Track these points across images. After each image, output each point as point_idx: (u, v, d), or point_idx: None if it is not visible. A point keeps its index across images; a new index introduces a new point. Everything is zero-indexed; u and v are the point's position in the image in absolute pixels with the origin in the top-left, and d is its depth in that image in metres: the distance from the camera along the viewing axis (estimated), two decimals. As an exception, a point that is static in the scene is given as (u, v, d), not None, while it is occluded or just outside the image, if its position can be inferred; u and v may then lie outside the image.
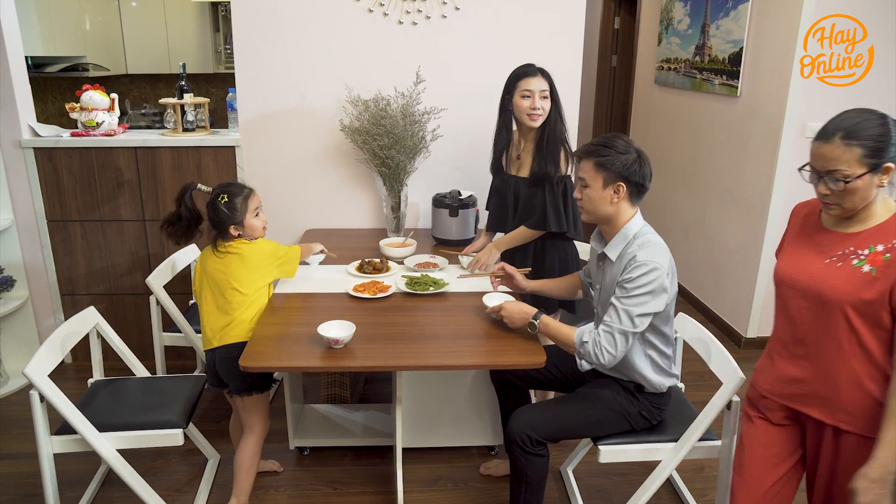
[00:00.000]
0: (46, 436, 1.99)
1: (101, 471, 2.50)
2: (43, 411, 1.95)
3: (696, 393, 2.76)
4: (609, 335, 1.84)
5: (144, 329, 3.33)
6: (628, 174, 1.87)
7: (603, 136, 1.93)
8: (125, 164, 3.12)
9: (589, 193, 1.93)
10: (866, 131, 1.43)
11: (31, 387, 1.91)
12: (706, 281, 4.15)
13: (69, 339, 2.13)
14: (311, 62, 3.12)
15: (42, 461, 2.00)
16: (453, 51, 3.14)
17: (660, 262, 1.84)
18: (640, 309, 1.82)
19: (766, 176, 3.44)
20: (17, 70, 3.00)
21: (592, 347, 1.86)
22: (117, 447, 2.06)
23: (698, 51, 4.13)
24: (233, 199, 2.14)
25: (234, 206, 2.14)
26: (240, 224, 2.15)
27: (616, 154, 1.86)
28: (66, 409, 1.97)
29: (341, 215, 3.36)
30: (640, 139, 5.23)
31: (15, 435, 2.80)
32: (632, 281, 1.84)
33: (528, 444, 1.94)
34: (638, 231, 1.94)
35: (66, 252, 3.23)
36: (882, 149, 1.42)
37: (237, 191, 2.16)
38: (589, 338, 1.87)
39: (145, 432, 2.07)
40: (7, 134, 3.03)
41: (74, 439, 2.02)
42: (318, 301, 2.32)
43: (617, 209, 1.92)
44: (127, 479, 2.08)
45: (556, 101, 2.45)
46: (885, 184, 1.47)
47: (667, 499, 2.46)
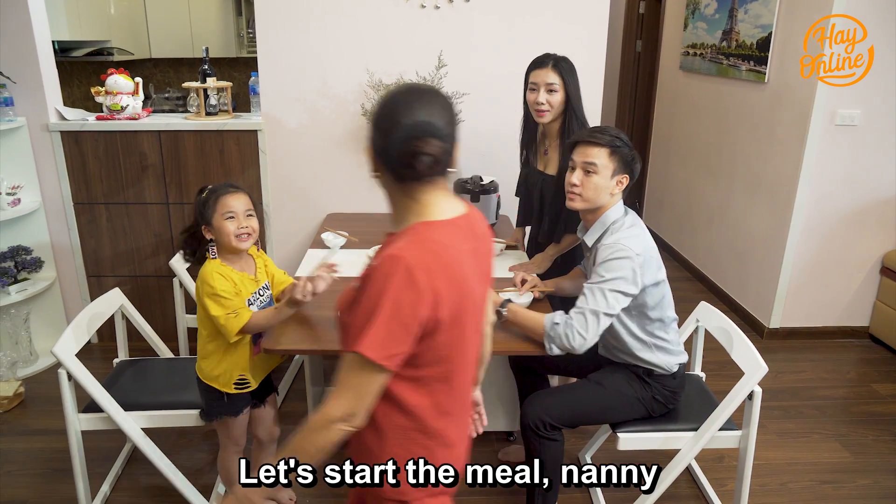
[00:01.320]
0: (74, 413, 2.04)
1: (126, 448, 2.56)
2: (71, 389, 2.00)
3: (717, 382, 2.74)
4: (581, 316, 1.82)
5: (168, 310, 3.37)
6: (633, 169, 1.93)
7: (605, 127, 1.94)
8: (149, 147, 3.15)
9: (596, 181, 1.90)
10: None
11: (60, 365, 1.95)
12: (729, 270, 4.10)
13: (95, 320, 2.17)
14: (333, 46, 3.11)
15: (70, 438, 2.05)
16: (475, 35, 3.11)
17: (628, 245, 1.84)
18: (609, 286, 1.82)
19: (794, 164, 3.38)
20: (45, 54, 3.04)
21: (563, 329, 1.82)
22: (142, 426, 2.10)
23: (725, 36, 4.05)
24: (209, 195, 1.88)
25: (205, 202, 1.87)
26: (209, 225, 1.88)
27: (627, 147, 1.91)
28: (93, 388, 2.01)
29: (363, 200, 3.36)
30: (665, 126, 5.16)
31: (45, 411, 2.87)
32: (601, 265, 1.85)
33: (543, 429, 1.95)
34: (616, 219, 1.95)
35: (91, 234, 3.28)
36: None
37: (217, 188, 1.90)
38: (561, 320, 1.85)
39: (169, 412, 2.11)
40: (35, 118, 3.07)
41: (101, 417, 2.06)
42: (339, 285, 2.32)
43: (612, 200, 1.95)
44: (151, 456, 2.12)
45: (571, 96, 2.26)
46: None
47: (685, 487, 2.45)
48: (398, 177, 1.20)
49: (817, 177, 3.34)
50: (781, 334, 3.65)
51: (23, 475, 2.47)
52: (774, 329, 3.65)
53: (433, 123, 1.15)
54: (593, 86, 3.20)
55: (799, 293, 3.58)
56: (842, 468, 2.58)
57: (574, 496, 2.38)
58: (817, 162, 3.31)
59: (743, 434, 2.01)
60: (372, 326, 1.12)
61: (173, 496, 2.26)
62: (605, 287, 1.82)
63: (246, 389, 2.00)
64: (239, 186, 1.93)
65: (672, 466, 2.04)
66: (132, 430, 2.07)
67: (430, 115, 1.15)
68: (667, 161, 5.11)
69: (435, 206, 1.22)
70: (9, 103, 2.98)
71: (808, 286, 3.57)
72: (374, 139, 1.20)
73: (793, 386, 3.19)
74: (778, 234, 3.53)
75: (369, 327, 1.12)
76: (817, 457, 2.65)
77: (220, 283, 1.85)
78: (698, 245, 4.55)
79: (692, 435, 2.02)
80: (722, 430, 1.99)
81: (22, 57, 2.96)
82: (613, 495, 2.37)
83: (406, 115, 1.14)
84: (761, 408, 1.98)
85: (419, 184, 1.20)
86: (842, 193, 3.40)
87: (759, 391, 1.94)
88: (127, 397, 2.09)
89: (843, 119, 3.23)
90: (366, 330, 1.12)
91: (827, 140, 3.28)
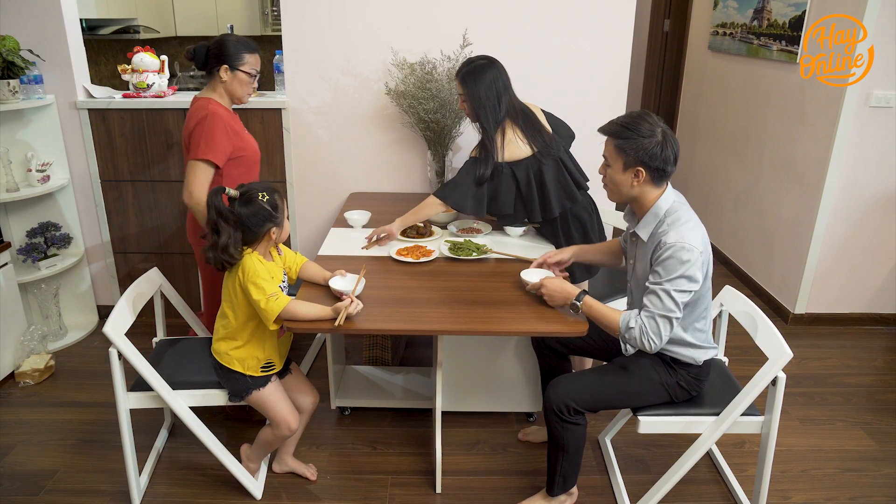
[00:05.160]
0: (124, 392, 2.07)
1: (165, 424, 2.60)
2: (120, 368, 2.02)
3: (740, 367, 2.72)
4: (652, 321, 1.82)
5: (192, 287, 3.42)
6: (647, 159, 1.82)
7: (629, 116, 1.86)
8: (174, 125, 3.17)
9: (611, 175, 1.91)
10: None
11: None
12: (755, 254, 4.05)
13: (139, 300, 2.20)
14: (358, 25, 3.10)
15: (120, 416, 2.08)
16: (501, 13, 3.07)
17: (691, 242, 1.79)
18: (676, 286, 1.79)
19: (824, 147, 3.30)
20: (73, 33, 3.06)
21: (639, 334, 1.83)
22: (189, 405, 2.13)
23: (756, 15, 3.95)
24: (272, 196, 1.94)
25: (276, 204, 1.94)
26: (280, 225, 1.97)
27: (638, 138, 1.81)
28: (144, 368, 2.04)
29: (386, 179, 3.37)
30: (692, 107, 5.08)
31: (74, 384, 2.94)
32: (663, 263, 1.80)
33: (566, 413, 1.95)
34: (669, 208, 1.88)
35: (118, 211, 3.32)
36: None
37: (271, 189, 1.95)
38: (635, 324, 1.84)
39: (211, 391, 2.13)
40: (63, 95, 3.10)
41: (149, 396, 2.10)
42: (361, 264, 2.35)
43: (641, 191, 1.89)
44: (199, 433, 2.15)
45: (475, 104, 2.38)
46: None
47: (705, 472, 2.44)
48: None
49: (848, 160, 3.27)
50: (807, 320, 3.60)
51: (53, 446, 2.53)
52: (800, 315, 3.60)
53: None
54: (620, 66, 3.15)
55: (826, 279, 3.52)
56: (866, 456, 2.55)
57: (593, 478, 2.39)
58: (849, 145, 3.23)
59: (765, 420, 1.99)
60: None
61: (213, 471, 2.36)
62: (671, 288, 1.79)
63: (271, 372, 2.10)
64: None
65: (692, 451, 2.03)
66: (181, 409, 2.11)
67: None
68: (693, 143, 5.03)
69: None
70: (38, 81, 3.01)
71: (836, 272, 3.51)
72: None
73: (818, 372, 3.15)
74: (806, 219, 3.47)
75: None
76: (841, 444, 2.62)
77: (261, 269, 1.92)
78: (723, 228, 4.49)
79: (714, 420, 2.01)
80: (744, 415, 1.98)
81: (51, 35, 2.99)
82: (632, 478, 2.37)
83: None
84: (785, 394, 1.96)
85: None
86: (874, 177, 3.32)
87: (783, 377, 1.92)
88: (171, 376, 2.11)
89: (877, 101, 3.15)
90: None
91: (860, 122, 3.20)
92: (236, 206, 1.90)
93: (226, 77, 2.34)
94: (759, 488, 2.09)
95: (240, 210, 1.90)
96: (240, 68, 2.33)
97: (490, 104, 2.36)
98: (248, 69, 2.36)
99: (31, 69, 2.96)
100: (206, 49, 2.35)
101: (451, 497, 2.29)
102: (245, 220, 1.90)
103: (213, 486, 2.32)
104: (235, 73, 2.34)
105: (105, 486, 2.31)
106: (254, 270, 1.90)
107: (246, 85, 2.38)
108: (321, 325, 1.91)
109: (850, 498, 2.33)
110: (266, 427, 2.20)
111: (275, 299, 1.88)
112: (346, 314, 1.89)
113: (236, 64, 2.33)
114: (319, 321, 1.90)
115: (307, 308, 1.91)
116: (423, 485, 2.35)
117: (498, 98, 2.36)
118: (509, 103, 2.40)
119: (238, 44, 2.33)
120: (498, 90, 2.36)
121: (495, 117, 2.37)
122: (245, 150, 2.39)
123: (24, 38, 2.95)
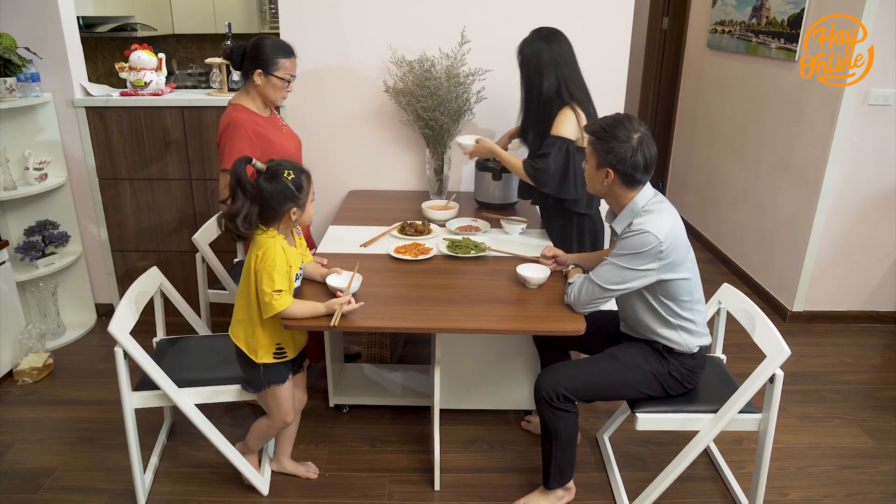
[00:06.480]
0: (129, 391, 2.05)
1: (165, 423, 2.60)
2: (125, 367, 2.01)
3: (737, 365, 2.73)
4: (588, 282, 1.95)
5: (190, 286, 3.42)
6: (616, 162, 1.88)
7: (612, 118, 1.91)
8: (172, 123, 3.17)
9: (587, 169, 2.00)
10: None
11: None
12: (753, 252, 4.05)
13: (141, 298, 2.18)
14: (356, 22, 3.09)
15: (126, 415, 2.07)
16: (499, 11, 3.07)
17: (653, 230, 1.84)
18: (624, 262, 1.87)
19: (823, 144, 3.31)
20: (70, 30, 3.05)
21: (569, 286, 2.02)
22: (195, 402, 2.13)
23: (755, 12, 3.95)
24: (299, 176, 1.89)
25: (301, 185, 1.89)
26: (302, 207, 1.93)
27: (612, 141, 1.87)
28: (149, 367, 2.03)
29: (384, 177, 3.36)
30: (690, 105, 5.08)
31: (73, 382, 2.93)
32: (622, 241, 1.90)
33: (556, 400, 1.97)
34: (646, 203, 1.93)
35: (116, 209, 3.32)
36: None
37: (299, 169, 1.92)
38: (576, 279, 2.01)
39: (216, 388, 2.13)
40: (61, 93, 3.10)
41: (154, 395, 2.09)
42: (360, 262, 2.34)
43: (611, 190, 1.95)
44: (207, 432, 2.14)
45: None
46: None
47: (703, 469, 2.45)
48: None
49: (847, 158, 3.27)
50: (805, 318, 3.61)
51: (52, 444, 2.53)
52: (798, 312, 3.60)
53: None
54: (618, 63, 3.15)
55: (824, 277, 3.52)
56: (863, 453, 2.56)
57: (591, 476, 2.39)
58: (848, 143, 3.24)
59: (763, 417, 2.00)
60: None
61: (215, 469, 2.38)
62: (619, 263, 1.88)
63: (283, 359, 2.07)
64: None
65: (690, 448, 2.04)
66: (187, 407, 2.10)
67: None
68: (692, 141, 5.03)
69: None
70: (35, 79, 3.01)
71: (834, 270, 3.51)
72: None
73: (815, 370, 3.15)
74: (804, 216, 3.47)
75: None
76: (838, 441, 2.63)
77: (280, 260, 1.87)
78: (722, 226, 4.49)
79: (711, 417, 2.01)
80: (742, 412, 1.98)
81: (48, 33, 2.98)
82: (630, 475, 2.38)
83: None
84: (782, 391, 1.96)
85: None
86: (872, 175, 3.32)
87: (780, 374, 1.92)
88: (175, 374, 2.11)
89: (876, 99, 3.15)
90: None
91: (859, 120, 3.20)
92: (261, 179, 1.86)
93: (259, 81, 2.32)
94: (757, 485, 2.09)
95: (263, 184, 1.85)
96: (274, 73, 2.31)
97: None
98: (283, 74, 2.33)
99: (28, 67, 2.95)
100: (243, 50, 2.32)
101: (449, 494, 2.30)
102: (266, 196, 1.85)
103: (216, 483, 2.32)
104: (269, 77, 2.31)
105: (104, 483, 2.32)
106: (273, 261, 1.86)
107: (279, 90, 2.36)
108: (317, 322, 1.91)
109: (847, 495, 2.34)
110: (262, 418, 2.19)
111: (279, 296, 1.87)
112: (341, 312, 1.88)
113: (270, 69, 2.31)
114: (314, 318, 1.90)
115: (302, 307, 1.91)
116: (422, 482, 2.35)
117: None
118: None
119: (274, 47, 2.30)
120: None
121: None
122: (274, 153, 2.32)
123: (21, 35, 2.95)
